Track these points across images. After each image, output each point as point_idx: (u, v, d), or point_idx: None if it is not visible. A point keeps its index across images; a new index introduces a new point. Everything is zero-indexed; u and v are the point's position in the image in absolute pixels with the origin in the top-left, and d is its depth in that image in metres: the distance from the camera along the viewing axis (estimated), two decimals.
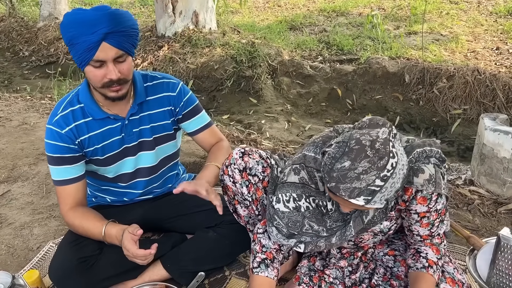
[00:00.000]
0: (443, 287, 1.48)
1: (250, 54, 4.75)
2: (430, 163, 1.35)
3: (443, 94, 4.14)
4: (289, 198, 1.42)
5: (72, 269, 1.61)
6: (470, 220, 2.19)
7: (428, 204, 1.36)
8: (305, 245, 1.42)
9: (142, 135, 1.73)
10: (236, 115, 4.44)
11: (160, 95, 1.73)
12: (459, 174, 2.55)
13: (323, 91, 4.75)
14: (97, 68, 1.47)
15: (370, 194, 1.16)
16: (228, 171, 1.59)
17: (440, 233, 1.48)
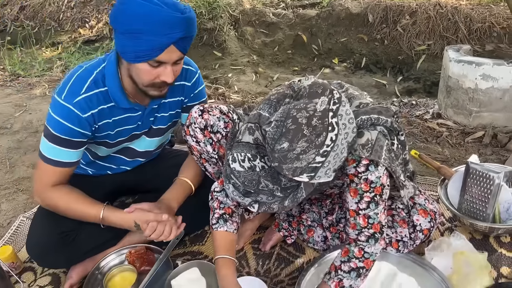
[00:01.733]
0: (416, 218, 1.53)
1: (209, 5, 4.56)
2: (374, 130, 1.27)
3: (407, 31, 4.12)
4: (244, 157, 1.38)
5: (53, 244, 1.55)
6: (439, 152, 2.23)
7: (356, 166, 1.26)
8: (259, 205, 1.39)
9: (156, 122, 1.64)
10: (202, 71, 4.29)
11: (178, 83, 1.57)
12: (427, 108, 2.58)
13: (288, 38, 4.66)
14: (154, 67, 1.33)
15: (313, 171, 1.13)
16: (189, 131, 1.54)
17: (370, 216, 1.30)
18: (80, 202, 1.52)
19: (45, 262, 1.64)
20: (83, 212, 1.52)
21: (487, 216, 1.62)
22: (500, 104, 2.33)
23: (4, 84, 3.65)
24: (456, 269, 1.44)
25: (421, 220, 1.52)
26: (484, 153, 2.20)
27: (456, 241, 1.55)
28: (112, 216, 1.51)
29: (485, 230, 1.64)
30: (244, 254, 1.74)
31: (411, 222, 1.53)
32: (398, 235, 1.52)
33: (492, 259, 1.58)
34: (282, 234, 1.73)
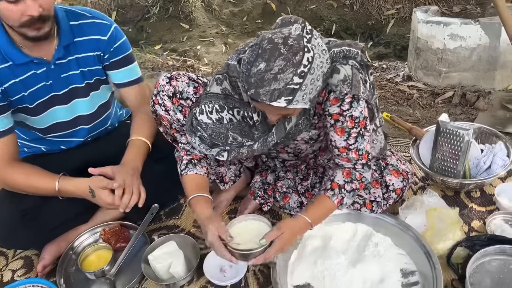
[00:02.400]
0: (388, 179, 1.54)
1: None
2: (347, 64, 1.26)
3: None
4: (211, 109, 1.36)
5: (16, 223, 1.51)
6: (411, 114, 2.25)
7: (341, 105, 1.28)
8: (227, 153, 1.38)
9: (73, 81, 1.55)
10: (169, 44, 4.20)
11: (88, 38, 1.52)
12: (397, 72, 2.59)
13: (257, 7, 4.57)
14: (13, 3, 1.25)
15: (291, 94, 1.11)
16: (157, 99, 1.48)
17: (360, 148, 1.36)
18: (37, 176, 1.48)
19: (10, 243, 1.60)
20: (39, 185, 1.47)
21: (458, 172, 1.66)
22: (468, 63, 2.36)
23: None
24: (429, 225, 1.47)
25: (393, 180, 1.54)
26: (454, 113, 2.23)
27: (428, 199, 1.58)
28: (68, 185, 1.47)
29: (456, 187, 1.67)
30: None
31: (384, 182, 1.54)
32: (371, 196, 1.54)
33: (463, 214, 1.63)
34: (258, 202, 1.73)
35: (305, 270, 1.44)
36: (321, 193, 1.41)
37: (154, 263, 1.48)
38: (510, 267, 1.33)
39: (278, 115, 1.23)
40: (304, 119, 1.34)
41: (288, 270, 1.44)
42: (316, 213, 1.38)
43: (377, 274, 1.39)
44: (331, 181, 1.40)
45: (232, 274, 1.48)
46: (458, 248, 1.39)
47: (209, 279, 1.46)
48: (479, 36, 2.27)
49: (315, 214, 1.37)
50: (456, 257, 1.40)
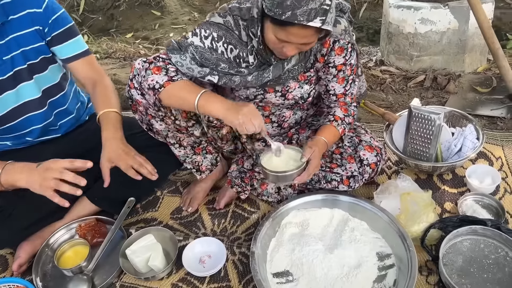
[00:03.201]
0: (362, 153, 1.57)
1: None
2: (344, 17, 1.42)
3: None
4: (208, 35, 1.36)
5: None
6: (384, 98, 2.28)
7: (345, 55, 1.42)
8: (219, 77, 1.36)
9: (15, 63, 1.47)
10: (141, 32, 4.12)
11: (22, 13, 1.44)
12: (370, 56, 2.61)
13: None
14: None
15: (324, 14, 1.16)
16: (133, 84, 1.43)
17: (353, 93, 1.56)
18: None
19: None
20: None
21: (430, 156, 1.69)
22: (438, 47, 2.39)
23: None
24: (404, 209, 1.51)
25: (367, 155, 1.57)
26: (425, 96, 2.27)
27: (402, 183, 1.61)
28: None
29: (429, 170, 1.71)
30: (199, 215, 1.73)
31: (358, 157, 1.57)
32: (348, 172, 1.56)
33: (436, 196, 1.67)
34: (235, 190, 1.73)
35: (284, 257, 1.45)
36: (326, 123, 1.53)
37: (132, 257, 1.47)
38: (481, 246, 1.38)
39: (298, 48, 1.27)
40: (300, 65, 1.41)
41: (267, 259, 1.46)
42: (328, 136, 1.50)
43: (354, 259, 1.41)
44: (332, 114, 1.54)
45: (212, 265, 1.48)
46: (432, 230, 1.43)
47: (189, 271, 1.46)
48: (449, 20, 2.30)
49: (328, 138, 1.50)
50: (429, 239, 1.44)
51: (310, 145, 1.41)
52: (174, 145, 1.63)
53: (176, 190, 1.87)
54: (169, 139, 1.61)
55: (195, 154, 1.67)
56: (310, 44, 1.27)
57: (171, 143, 1.62)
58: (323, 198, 1.58)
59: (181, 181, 1.92)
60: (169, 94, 1.33)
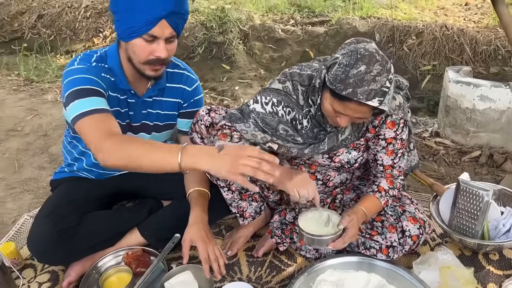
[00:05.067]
0: (405, 224, 1.57)
1: (220, 19, 4.68)
2: (399, 94, 1.49)
3: (413, 51, 4.18)
4: (268, 101, 1.50)
5: (52, 242, 1.59)
6: (435, 169, 2.27)
7: (396, 130, 1.48)
8: (279, 145, 1.49)
9: (147, 118, 1.72)
10: (210, 83, 4.41)
11: (177, 86, 1.70)
12: (426, 127, 2.63)
13: (296, 54, 4.75)
14: (148, 42, 1.43)
15: (382, 95, 1.26)
16: (195, 127, 1.62)
17: (400, 166, 1.59)
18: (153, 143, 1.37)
19: (44, 258, 1.69)
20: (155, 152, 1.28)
21: (476, 233, 1.66)
22: (497, 125, 2.37)
23: (17, 88, 3.77)
24: (443, 283, 1.48)
25: (410, 226, 1.57)
26: (479, 173, 2.23)
27: (443, 256, 1.58)
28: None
29: (474, 247, 1.67)
30: (237, 260, 1.79)
31: (399, 227, 1.57)
32: (387, 241, 1.57)
33: (479, 275, 1.61)
34: (274, 240, 1.78)
35: None
36: (370, 193, 1.56)
37: None
38: None
39: (351, 119, 1.37)
40: (353, 135, 1.51)
41: None
42: (368, 207, 1.53)
43: None
44: (377, 185, 1.57)
45: None
46: None
47: None
48: (509, 99, 2.29)
49: (368, 208, 1.53)
50: None
51: (349, 214, 1.45)
52: (223, 188, 1.74)
53: (219, 233, 1.95)
54: (220, 181, 1.72)
55: (242, 200, 1.76)
56: (363, 118, 1.37)
57: (221, 185, 1.73)
58: (361, 261, 1.59)
59: (225, 224, 2.00)
60: None
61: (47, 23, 5.93)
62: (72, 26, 5.73)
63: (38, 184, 2.38)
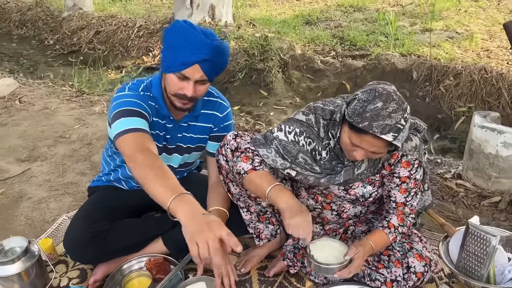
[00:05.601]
0: (410, 261, 1.64)
1: (262, 47, 4.88)
2: (416, 136, 1.58)
3: (449, 91, 4.20)
4: (292, 130, 1.63)
5: (84, 241, 1.76)
6: (453, 211, 2.31)
7: (410, 170, 1.56)
8: (297, 173, 1.60)
9: (181, 141, 1.88)
10: (246, 107, 4.60)
11: (210, 112, 1.88)
12: (450, 168, 2.66)
13: (332, 86, 4.87)
14: (179, 79, 1.60)
15: (397, 131, 1.35)
16: (222, 150, 1.77)
17: (413, 205, 1.65)
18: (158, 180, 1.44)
19: (76, 256, 1.87)
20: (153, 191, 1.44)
21: (481, 276, 1.69)
22: None
23: (70, 99, 4.08)
24: None
25: (416, 263, 1.63)
26: (497, 218, 2.25)
27: None
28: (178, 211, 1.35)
29: None
30: (249, 277, 1.90)
31: (405, 263, 1.64)
32: (392, 275, 1.64)
33: None
34: (286, 263, 1.88)
35: None
36: (379, 228, 1.64)
37: None
38: None
39: (367, 153, 1.46)
40: (369, 170, 1.60)
41: None
42: (376, 241, 1.61)
43: None
44: (388, 221, 1.65)
45: None
46: None
47: None
48: None
49: (376, 244, 1.61)
50: None
51: (356, 245, 1.55)
52: (243, 209, 1.87)
53: None
54: (240, 202, 1.85)
55: (259, 222, 1.88)
56: (379, 154, 1.46)
57: (241, 206, 1.86)
58: None
59: (242, 243, 2.10)
60: (249, 180, 1.63)
61: (102, 39, 6.38)
62: (124, 44, 6.13)
63: (78, 189, 2.60)
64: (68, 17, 7.07)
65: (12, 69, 5.74)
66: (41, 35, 7.14)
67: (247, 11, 7.59)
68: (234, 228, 1.94)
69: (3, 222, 2.30)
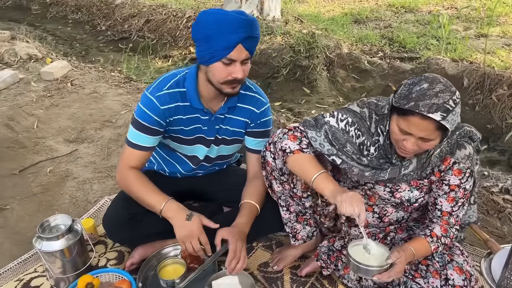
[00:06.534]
0: (450, 273, 1.58)
1: (308, 44, 4.84)
2: (471, 144, 1.52)
3: (502, 101, 4.02)
4: (344, 119, 1.60)
5: (122, 222, 1.85)
6: (498, 227, 2.21)
7: (461, 178, 1.50)
8: (342, 161, 1.57)
9: (218, 132, 1.88)
10: (288, 103, 4.58)
11: (247, 106, 1.85)
12: (497, 182, 2.55)
13: (378, 87, 4.77)
14: (226, 65, 1.58)
15: (445, 111, 1.31)
16: (270, 147, 1.73)
17: (458, 216, 1.59)
18: (150, 190, 1.77)
19: (113, 236, 1.94)
20: (147, 200, 1.76)
21: None
22: None
23: (118, 84, 4.20)
24: None
25: (455, 276, 1.58)
26: None
27: None
28: (168, 212, 1.74)
29: None
30: (282, 275, 1.90)
31: (444, 275, 1.59)
32: (429, 285, 1.59)
33: None
34: (319, 264, 1.86)
35: None
36: (422, 237, 1.59)
37: None
38: None
39: (417, 142, 1.40)
40: (416, 172, 1.54)
41: None
42: (418, 249, 1.55)
43: None
44: (431, 230, 1.59)
45: None
46: None
47: None
48: None
49: (418, 251, 1.55)
50: None
51: (398, 250, 1.50)
52: (282, 207, 1.86)
53: (270, 247, 2.08)
54: (281, 201, 1.85)
55: (297, 222, 1.87)
56: (429, 141, 1.39)
57: (281, 205, 1.85)
58: None
59: (276, 239, 2.12)
60: (295, 161, 1.60)
61: (152, 28, 6.52)
62: (173, 34, 6.24)
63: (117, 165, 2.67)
64: (121, 4, 7.26)
65: (66, 52, 5.97)
66: (94, 21, 7.37)
67: (296, 6, 7.54)
68: (271, 226, 1.99)
69: (50, 199, 2.41)
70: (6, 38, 4.71)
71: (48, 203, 2.38)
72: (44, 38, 6.53)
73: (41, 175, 2.64)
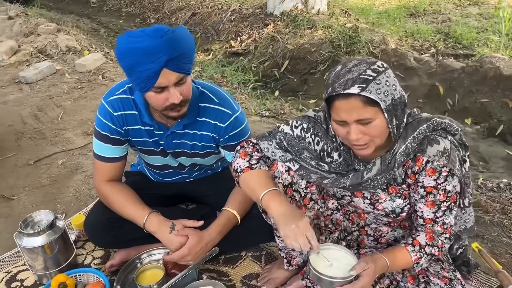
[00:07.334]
0: None
1: (350, 39, 4.59)
2: (447, 138, 1.32)
3: None
4: (299, 125, 1.49)
5: (101, 226, 1.79)
6: None
7: (437, 178, 1.30)
8: (299, 166, 1.44)
9: (182, 146, 1.76)
10: (321, 101, 4.37)
11: (209, 121, 1.69)
12: None
13: (423, 87, 4.41)
14: (159, 93, 1.45)
15: (363, 82, 1.19)
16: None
17: (446, 223, 1.38)
18: (131, 203, 1.72)
19: (93, 240, 1.91)
20: (129, 213, 1.72)
21: None
22: None
23: None
24: None
25: None
26: None
27: None
28: (151, 227, 1.69)
29: None
30: None
31: None
32: None
33: None
34: (305, 283, 1.71)
35: None
36: (402, 245, 1.40)
37: None
38: None
39: (359, 128, 1.25)
40: (384, 176, 1.35)
41: None
42: (394, 260, 1.37)
43: None
44: (413, 238, 1.41)
45: None
46: None
47: None
48: None
49: (393, 261, 1.37)
50: None
51: (367, 261, 1.30)
52: (279, 238, 1.69)
53: (259, 258, 1.95)
54: (276, 231, 1.67)
55: (293, 250, 1.71)
56: (369, 122, 1.23)
57: (277, 235, 1.69)
58: None
59: (266, 250, 1.98)
60: (243, 180, 1.47)
61: (197, 21, 6.54)
62: (216, 27, 6.22)
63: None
64: None
65: (114, 45, 6.14)
66: (145, 14, 7.55)
67: None
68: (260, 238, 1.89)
69: (55, 192, 2.45)
70: (52, 31, 4.91)
71: (53, 195, 2.41)
72: (97, 30, 6.78)
73: (53, 166, 2.69)
